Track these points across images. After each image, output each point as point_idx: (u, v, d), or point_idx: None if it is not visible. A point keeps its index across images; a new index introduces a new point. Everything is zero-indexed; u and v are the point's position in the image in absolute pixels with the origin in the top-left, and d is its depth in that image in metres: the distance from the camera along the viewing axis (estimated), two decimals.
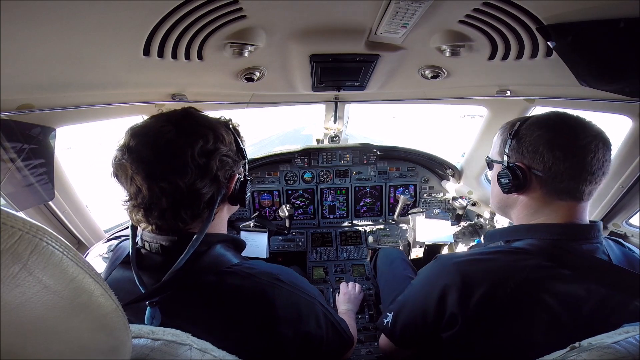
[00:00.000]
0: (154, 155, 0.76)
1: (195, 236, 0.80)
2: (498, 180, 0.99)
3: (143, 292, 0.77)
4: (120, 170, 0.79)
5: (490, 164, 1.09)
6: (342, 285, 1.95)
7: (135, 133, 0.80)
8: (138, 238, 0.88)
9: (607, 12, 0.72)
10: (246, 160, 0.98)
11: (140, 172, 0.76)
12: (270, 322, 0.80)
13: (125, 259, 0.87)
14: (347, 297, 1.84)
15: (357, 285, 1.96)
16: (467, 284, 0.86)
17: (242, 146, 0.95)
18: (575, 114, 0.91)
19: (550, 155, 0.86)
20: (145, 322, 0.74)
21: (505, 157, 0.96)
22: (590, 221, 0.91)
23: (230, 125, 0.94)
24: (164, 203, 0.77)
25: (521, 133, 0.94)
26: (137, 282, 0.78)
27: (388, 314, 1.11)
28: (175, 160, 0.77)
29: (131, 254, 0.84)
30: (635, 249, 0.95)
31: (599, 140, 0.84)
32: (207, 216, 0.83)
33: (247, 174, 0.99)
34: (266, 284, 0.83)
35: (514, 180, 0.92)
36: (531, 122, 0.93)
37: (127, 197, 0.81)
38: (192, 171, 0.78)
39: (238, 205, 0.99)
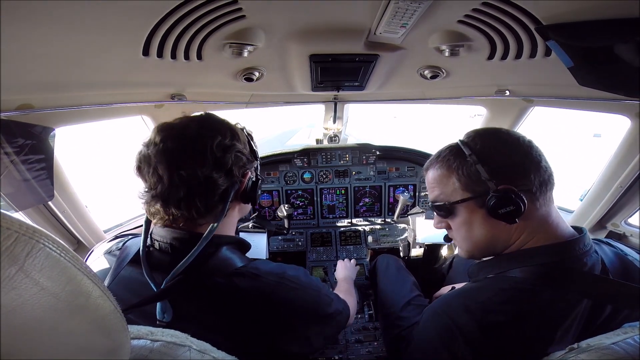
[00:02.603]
0: (177, 146, 0.82)
1: (208, 230, 0.83)
2: (495, 212, 0.81)
3: (155, 291, 0.79)
4: (143, 162, 0.84)
5: (449, 208, 0.90)
6: (339, 261, 2.07)
7: (162, 129, 0.86)
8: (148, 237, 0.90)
9: (606, 12, 0.72)
10: (258, 162, 1.03)
11: (164, 162, 0.81)
12: (277, 320, 0.84)
13: (134, 257, 0.89)
14: (343, 265, 1.99)
15: (352, 260, 2.11)
16: (477, 339, 0.76)
17: (254, 148, 1.00)
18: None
19: (530, 167, 0.81)
20: (157, 316, 0.77)
21: (491, 184, 0.81)
22: (573, 226, 0.87)
23: (245, 131, 1.01)
24: (181, 191, 0.81)
25: (484, 155, 0.83)
26: (149, 282, 0.80)
27: None
28: (196, 151, 0.83)
29: (142, 250, 0.85)
30: (625, 249, 0.92)
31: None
32: (221, 210, 0.87)
33: (258, 174, 1.04)
34: (272, 283, 0.86)
35: (515, 204, 0.78)
36: (484, 144, 0.85)
37: (147, 189, 0.85)
38: (209, 162, 0.83)
39: (250, 206, 1.04)
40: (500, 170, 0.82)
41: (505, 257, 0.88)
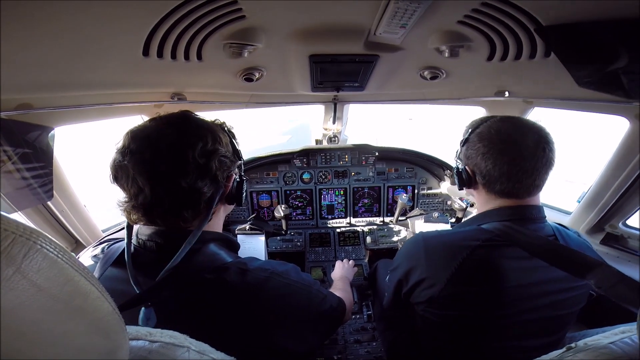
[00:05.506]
0: (156, 156, 0.78)
1: (192, 232, 0.82)
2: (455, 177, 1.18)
3: (137, 292, 0.77)
4: (121, 172, 0.80)
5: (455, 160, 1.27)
6: (337, 262, 2.08)
7: (136, 136, 0.81)
8: (133, 237, 0.88)
9: (605, 13, 0.72)
10: (242, 161, 1.02)
11: (143, 174, 0.77)
12: (268, 316, 0.82)
13: (118, 258, 0.87)
14: (340, 266, 2.00)
15: (351, 261, 2.12)
16: (430, 256, 1.03)
17: (237, 147, 0.98)
18: (519, 123, 1.04)
19: (484, 165, 1.04)
20: (140, 323, 0.74)
21: (458, 161, 1.17)
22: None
23: (226, 128, 0.97)
24: (166, 203, 0.79)
25: (469, 142, 1.10)
26: (132, 281, 0.78)
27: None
28: (177, 161, 0.79)
29: (127, 252, 0.83)
30: (575, 233, 1.13)
31: (538, 146, 0.97)
32: (205, 214, 0.86)
33: (242, 174, 1.02)
34: (262, 278, 0.85)
35: (461, 180, 1.14)
36: (476, 133, 1.08)
37: (126, 199, 0.82)
38: (193, 171, 0.80)
39: (234, 205, 1.03)
40: (469, 156, 1.09)
41: (473, 217, 1.18)
